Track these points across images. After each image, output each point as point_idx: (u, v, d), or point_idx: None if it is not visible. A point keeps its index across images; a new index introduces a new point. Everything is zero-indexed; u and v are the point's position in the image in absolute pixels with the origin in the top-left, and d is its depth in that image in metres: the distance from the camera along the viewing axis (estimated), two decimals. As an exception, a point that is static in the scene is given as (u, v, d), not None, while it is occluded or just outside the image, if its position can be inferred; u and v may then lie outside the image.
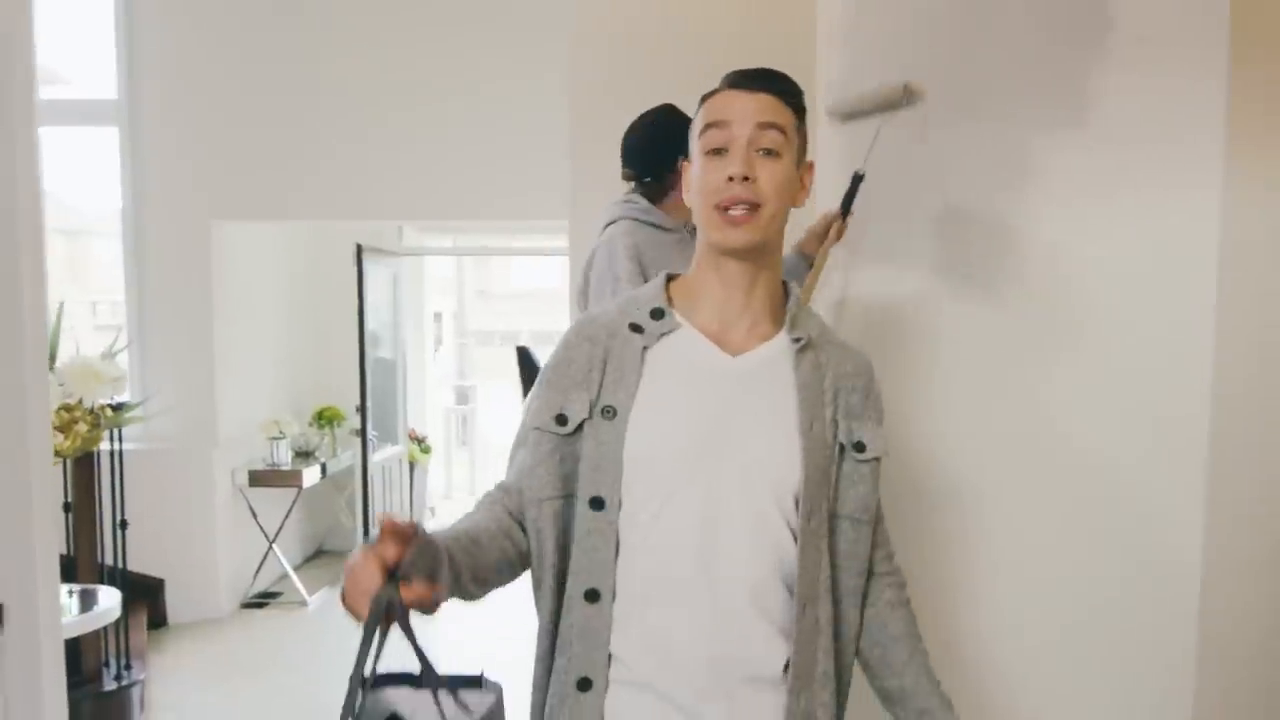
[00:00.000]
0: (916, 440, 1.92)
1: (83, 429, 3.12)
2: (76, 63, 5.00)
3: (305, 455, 5.43)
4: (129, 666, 3.55)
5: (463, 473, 8.07)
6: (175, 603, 4.73)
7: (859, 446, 1.22)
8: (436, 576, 1.02)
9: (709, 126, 1.20)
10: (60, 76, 4.94)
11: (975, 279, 1.86)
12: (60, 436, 3.06)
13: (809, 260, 2.05)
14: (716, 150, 1.19)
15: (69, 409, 3.13)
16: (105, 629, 3.38)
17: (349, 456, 5.61)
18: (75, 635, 3.12)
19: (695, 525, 1.15)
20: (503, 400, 8.07)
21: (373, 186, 4.68)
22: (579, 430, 1.19)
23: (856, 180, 2.00)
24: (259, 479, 5.01)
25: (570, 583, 1.18)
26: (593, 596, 1.16)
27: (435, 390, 8.07)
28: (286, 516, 5.28)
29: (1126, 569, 1.67)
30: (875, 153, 1.94)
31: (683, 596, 1.15)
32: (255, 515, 5.04)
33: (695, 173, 1.22)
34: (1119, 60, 1.65)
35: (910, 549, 1.46)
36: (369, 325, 5.39)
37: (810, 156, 1.27)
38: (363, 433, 5.33)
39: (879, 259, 2.08)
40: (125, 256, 4.71)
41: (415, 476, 6.43)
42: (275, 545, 5.17)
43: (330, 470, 5.46)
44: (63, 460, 3.21)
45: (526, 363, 3.81)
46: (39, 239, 2.03)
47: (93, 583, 3.38)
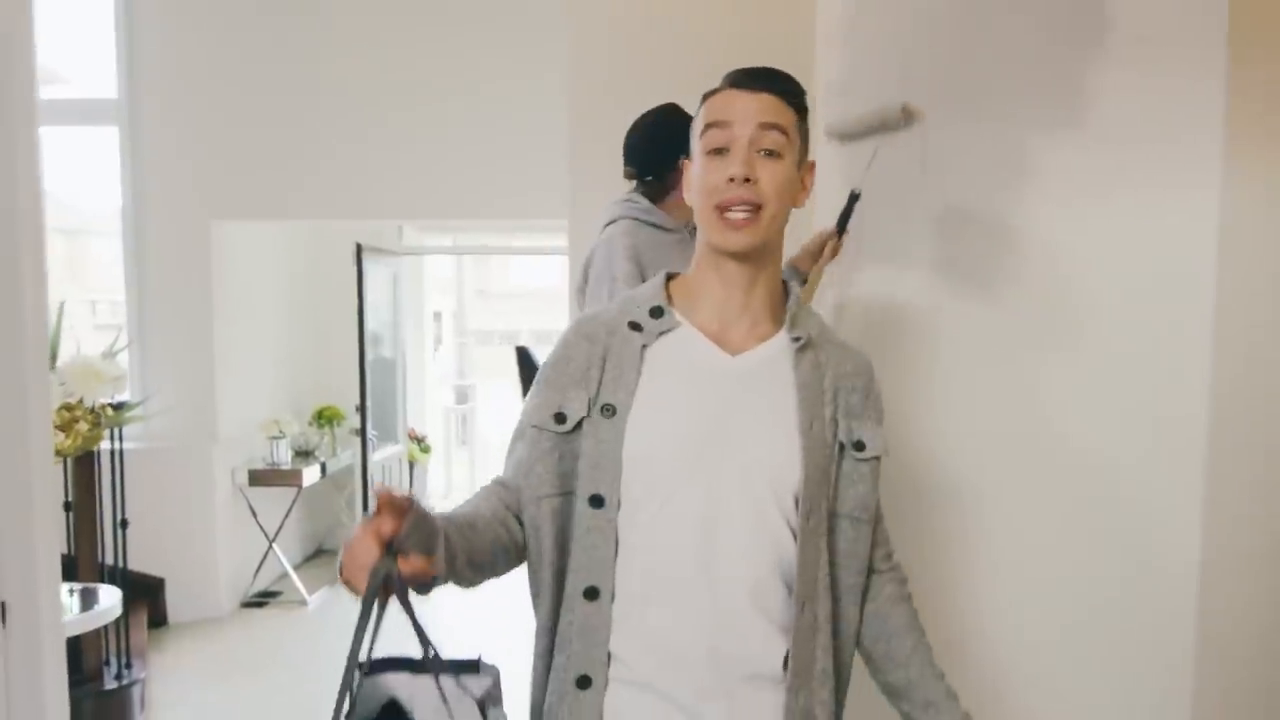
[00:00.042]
0: (916, 439, 1.92)
1: (83, 428, 3.12)
2: (76, 62, 5.00)
3: (305, 455, 5.44)
4: (129, 665, 3.55)
5: (462, 472, 8.07)
6: (175, 602, 4.73)
7: (858, 446, 1.22)
8: (432, 551, 1.02)
9: (710, 126, 1.19)
10: (60, 76, 4.93)
11: (974, 278, 1.86)
12: (61, 436, 3.06)
13: (803, 277, 2.06)
14: (717, 150, 1.18)
15: (70, 408, 3.13)
16: (106, 628, 3.38)
17: (349, 456, 5.62)
18: (76, 634, 3.12)
19: (695, 524, 1.15)
20: (502, 400, 8.06)
21: (372, 186, 4.68)
22: (577, 428, 1.19)
23: (853, 199, 2.01)
24: (259, 478, 5.02)
25: (570, 580, 1.18)
26: (592, 594, 1.16)
27: (435, 389, 8.08)
28: (286, 516, 5.28)
29: (1126, 569, 1.67)
30: (873, 169, 1.95)
31: (682, 595, 1.15)
32: (255, 514, 5.04)
33: (696, 172, 1.21)
34: (1118, 60, 1.65)
35: (910, 548, 1.46)
36: (369, 325, 5.39)
37: (814, 176, 1.26)
38: (362, 432, 5.33)
39: (879, 259, 2.08)
40: (125, 256, 4.72)
41: (415, 476, 6.44)
42: (275, 544, 5.17)
43: (330, 470, 5.46)
44: (63, 459, 3.22)
45: (526, 362, 3.81)
46: (40, 238, 2.02)
47: (93, 582, 3.38)
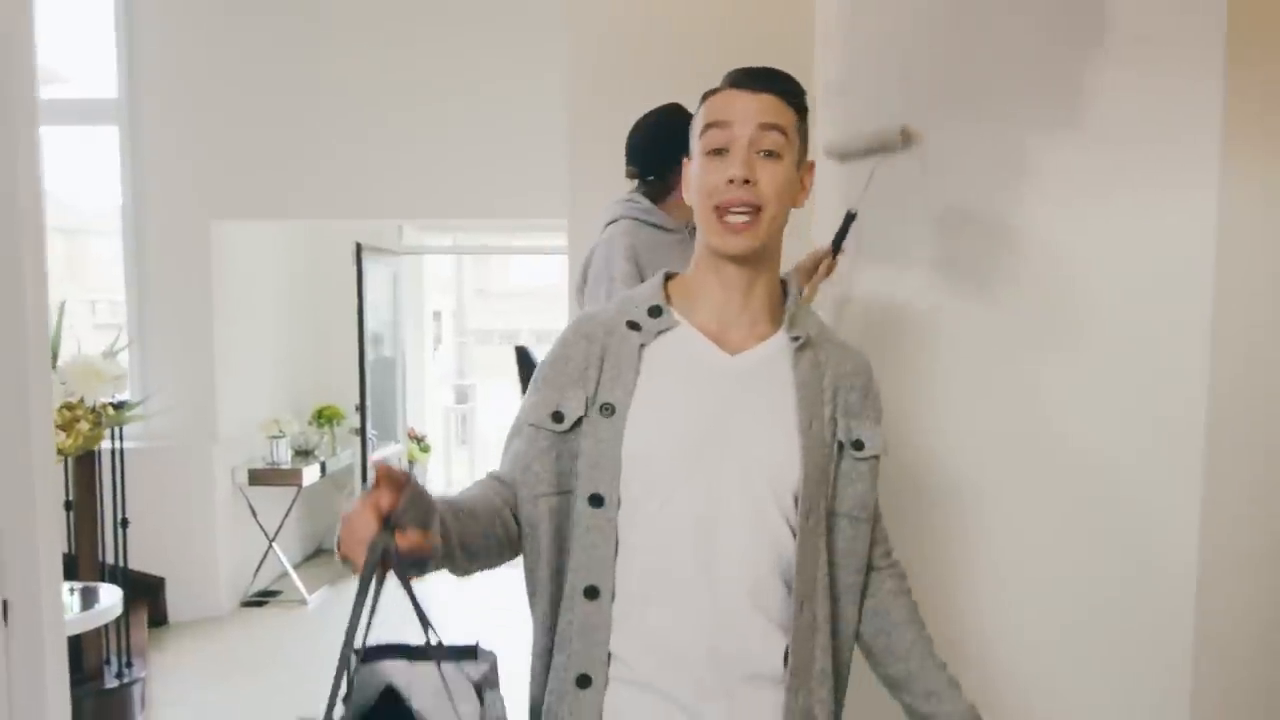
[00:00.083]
0: (916, 438, 1.92)
1: (84, 427, 3.12)
2: (77, 62, 5.00)
3: (305, 454, 5.44)
4: (130, 664, 3.56)
5: (462, 471, 8.07)
6: (176, 601, 4.73)
7: (857, 445, 1.22)
8: (428, 527, 1.02)
9: (710, 126, 1.19)
10: (60, 75, 4.94)
11: (974, 278, 1.86)
12: (62, 435, 3.07)
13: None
14: (717, 150, 1.18)
15: (71, 407, 3.13)
16: (106, 627, 3.39)
17: (349, 455, 5.62)
18: (77, 633, 3.12)
19: (694, 524, 1.15)
20: (502, 399, 8.07)
21: (372, 186, 4.68)
22: (575, 427, 1.19)
23: (849, 219, 2.02)
24: (259, 478, 5.02)
25: (570, 580, 1.18)
26: (592, 593, 1.16)
27: (434, 389, 8.07)
28: (286, 515, 5.29)
29: (1125, 569, 1.67)
30: (870, 190, 1.95)
31: (682, 595, 1.15)
32: (255, 514, 5.04)
33: (695, 171, 1.21)
34: (1116, 60, 1.65)
35: (910, 547, 1.46)
36: (369, 324, 5.40)
37: (813, 176, 1.26)
38: (362, 431, 5.33)
39: (879, 259, 2.08)
40: (125, 256, 4.72)
41: (415, 475, 6.44)
42: (275, 544, 5.18)
43: (330, 469, 5.47)
44: (64, 459, 3.22)
45: (525, 362, 3.81)
46: (40, 238, 2.03)
47: (94, 581, 3.39)
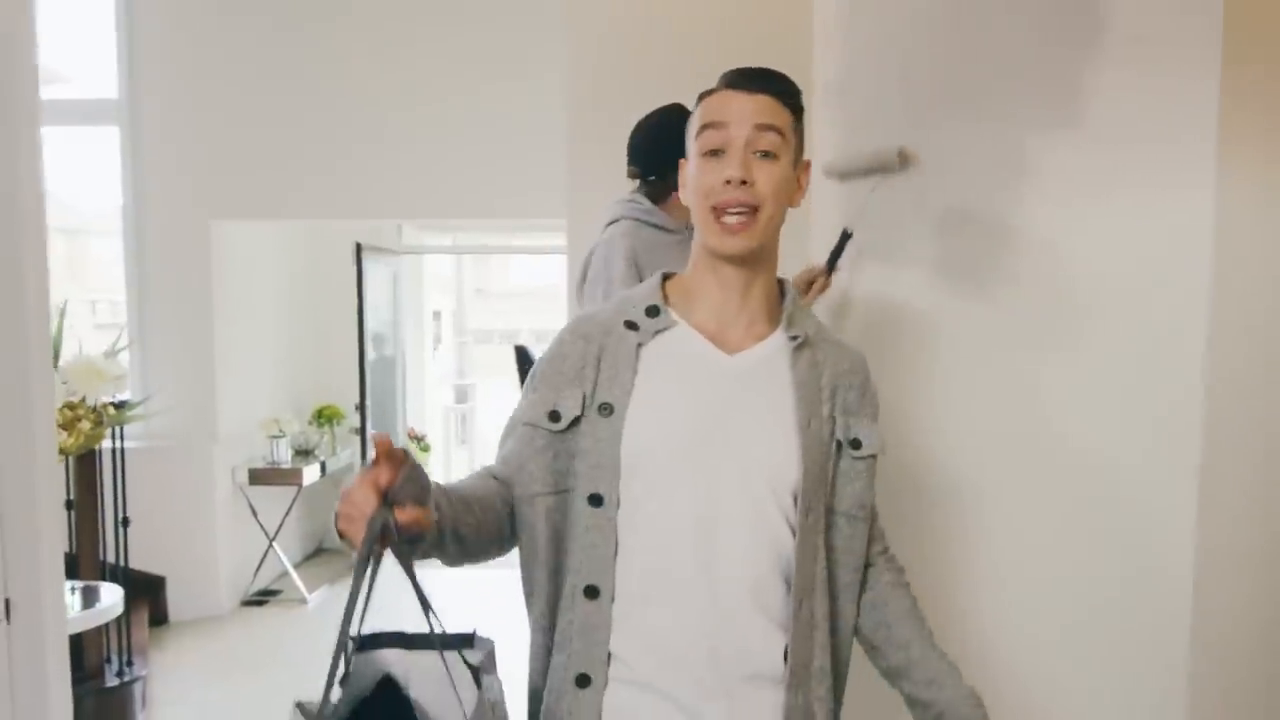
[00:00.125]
0: (916, 438, 1.92)
1: (86, 427, 3.13)
2: (77, 62, 5.01)
3: (305, 453, 5.44)
4: (131, 663, 3.56)
5: (462, 471, 8.07)
6: (176, 600, 4.74)
7: (855, 444, 1.23)
8: (425, 504, 1.02)
9: (706, 127, 1.19)
10: (61, 76, 4.94)
11: (973, 278, 1.87)
12: (64, 434, 3.07)
13: None
14: (713, 151, 1.18)
15: (72, 407, 3.14)
16: (107, 626, 3.39)
17: (349, 455, 5.63)
18: (78, 632, 3.12)
19: (694, 524, 1.15)
20: (502, 399, 8.07)
21: (372, 186, 4.69)
22: (571, 427, 1.19)
23: (845, 238, 2.04)
24: (259, 477, 5.03)
25: (569, 579, 1.18)
26: (592, 593, 1.16)
27: (434, 389, 8.08)
28: (286, 514, 5.29)
29: (1125, 568, 1.67)
30: (866, 211, 1.97)
31: (682, 595, 1.15)
32: (255, 513, 5.05)
33: (691, 172, 1.21)
34: (1113, 60, 1.65)
35: (910, 547, 1.46)
36: (368, 324, 5.41)
37: (810, 176, 1.27)
38: (362, 431, 5.34)
39: (878, 258, 2.09)
40: (126, 256, 4.72)
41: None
42: (275, 543, 5.18)
43: (330, 468, 5.47)
44: (65, 458, 3.23)
45: (525, 361, 3.82)
46: (42, 238, 2.03)
47: (95, 580, 3.39)
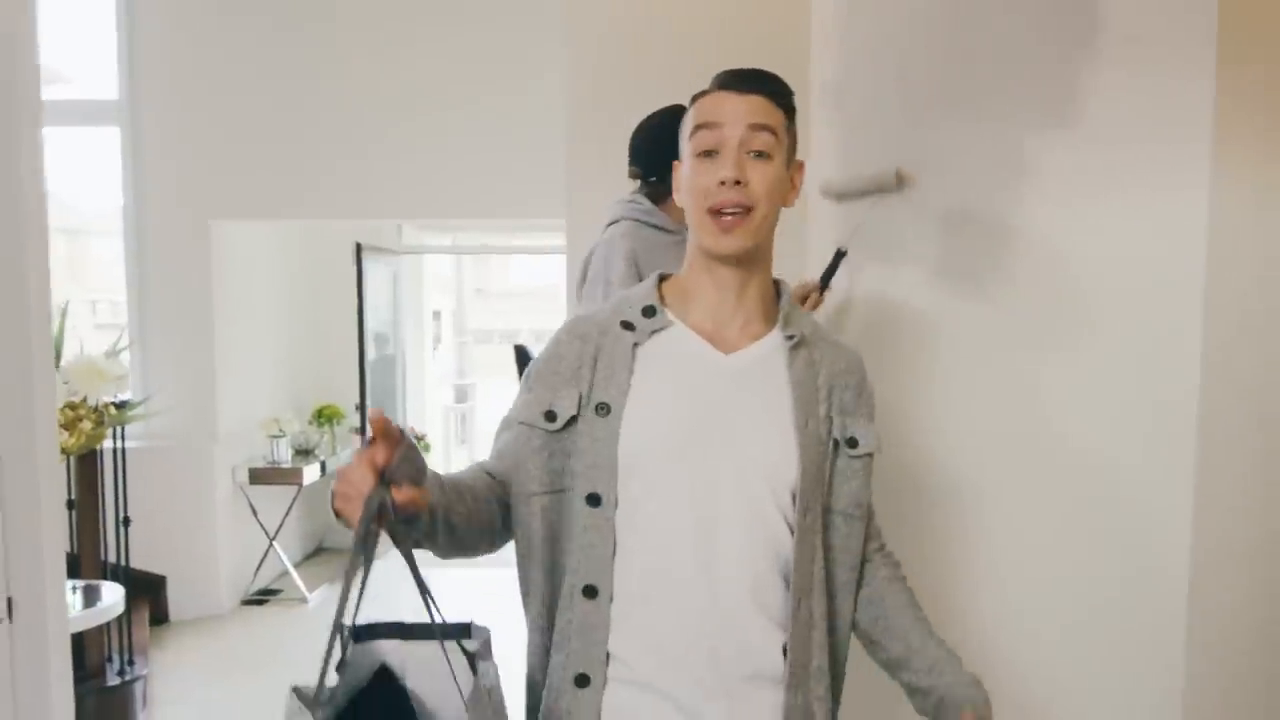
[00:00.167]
0: (916, 437, 1.93)
1: (87, 427, 3.13)
2: (78, 63, 5.02)
3: (305, 453, 5.45)
4: (132, 662, 3.57)
5: (462, 470, 8.07)
6: (177, 599, 4.75)
7: (852, 442, 1.23)
8: (420, 484, 1.03)
9: (699, 127, 1.19)
10: (62, 76, 4.95)
11: (971, 277, 1.87)
12: (65, 434, 3.08)
13: None
14: (707, 152, 1.18)
15: (73, 407, 3.15)
16: (108, 625, 3.39)
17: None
18: (79, 631, 3.12)
19: (692, 523, 1.15)
20: (502, 398, 8.07)
21: (372, 186, 4.70)
22: (567, 427, 1.19)
23: (839, 256, 2.05)
24: (259, 476, 5.03)
25: (568, 579, 1.18)
26: (590, 593, 1.16)
27: (434, 388, 8.08)
28: (287, 514, 5.30)
29: (1125, 568, 1.67)
30: (860, 233, 1.99)
31: (682, 595, 1.15)
32: (256, 513, 5.06)
33: (685, 174, 1.22)
34: (1109, 60, 1.65)
35: (910, 547, 1.46)
36: (370, 324, 5.41)
37: (803, 176, 1.27)
38: (362, 431, 5.35)
39: (877, 258, 2.10)
40: (126, 256, 4.74)
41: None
42: (275, 542, 5.19)
43: (330, 468, 5.47)
44: (67, 458, 3.23)
45: (524, 360, 3.81)
46: (43, 239, 2.04)
47: (96, 579, 3.40)
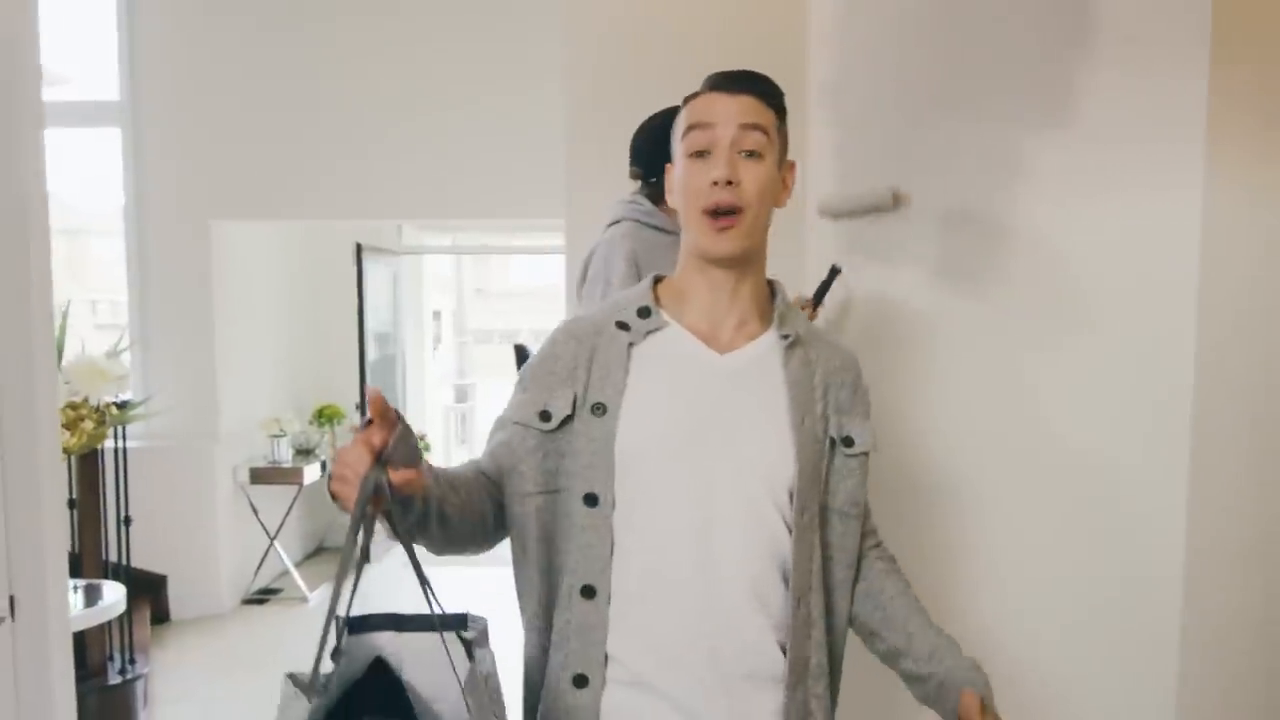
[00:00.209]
0: (914, 437, 1.93)
1: (88, 426, 3.15)
2: (79, 64, 5.03)
3: (306, 453, 5.46)
4: (133, 661, 3.58)
5: (462, 470, 8.08)
6: (178, 598, 4.76)
7: (848, 441, 1.24)
8: (415, 466, 1.03)
9: (692, 128, 1.20)
10: (62, 77, 4.97)
11: (967, 277, 1.88)
12: (66, 434, 3.09)
13: None
14: (699, 152, 1.19)
15: (75, 407, 3.16)
16: (109, 624, 3.40)
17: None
18: (80, 630, 3.13)
19: (690, 523, 1.16)
20: (502, 398, 8.08)
21: (372, 186, 4.71)
22: (562, 427, 1.19)
23: (833, 274, 2.07)
24: (260, 476, 5.05)
25: (566, 579, 1.18)
26: (588, 593, 1.17)
27: (434, 388, 8.10)
28: (287, 513, 5.31)
29: (1121, 568, 1.67)
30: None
31: (680, 595, 1.15)
32: (256, 512, 5.07)
33: (678, 175, 1.22)
34: (1104, 60, 1.65)
35: (908, 547, 1.47)
36: (369, 323, 5.42)
37: (795, 176, 1.28)
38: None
39: (874, 258, 2.11)
40: (127, 256, 4.75)
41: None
42: (276, 542, 5.20)
43: (330, 468, 5.48)
44: (68, 457, 3.24)
45: (524, 360, 3.83)
46: (45, 239, 2.05)
47: (97, 578, 3.41)
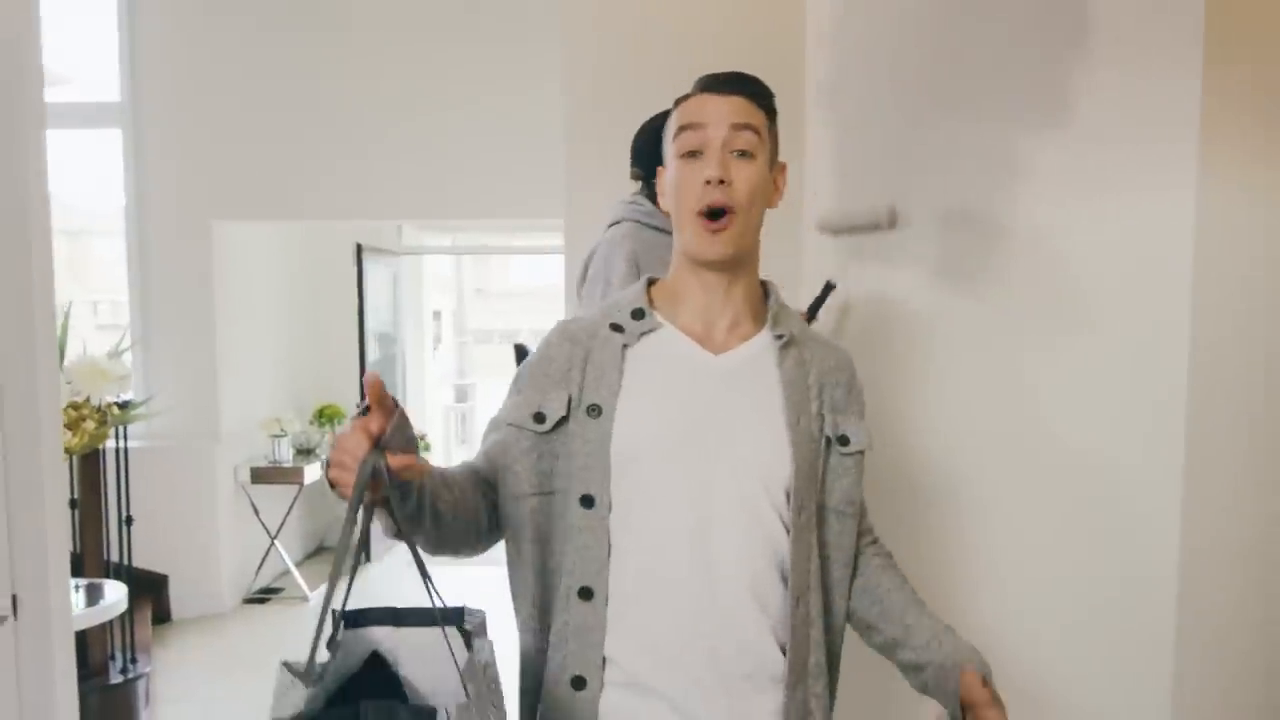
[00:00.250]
0: (911, 437, 1.94)
1: (90, 426, 3.16)
2: (80, 65, 5.05)
3: (306, 452, 5.48)
4: (135, 660, 3.59)
5: (462, 470, 8.08)
6: (179, 598, 4.78)
7: (843, 440, 1.24)
8: (412, 452, 1.05)
9: (683, 129, 1.20)
10: (63, 78, 4.98)
11: (964, 277, 1.89)
12: (68, 434, 3.10)
13: None
14: (692, 153, 1.19)
15: (77, 407, 3.17)
16: (111, 623, 3.41)
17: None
18: (82, 629, 3.14)
19: (688, 524, 1.16)
20: (501, 398, 8.09)
21: (372, 187, 4.72)
22: (556, 428, 1.20)
23: (827, 289, 2.09)
24: (261, 476, 5.06)
25: (563, 581, 1.19)
26: (586, 594, 1.17)
27: (435, 388, 8.11)
28: (288, 513, 5.33)
29: (1119, 568, 1.68)
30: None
31: (679, 596, 1.15)
32: (257, 512, 5.08)
33: (670, 176, 1.23)
34: (1099, 60, 1.65)
35: (906, 545, 1.47)
36: (369, 324, 5.42)
37: (789, 187, 1.29)
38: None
39: (871, 258, 2.12)
40: (128, 257, 4.76)
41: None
42: (277, 541, 5.22)
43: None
44: (70, 458, 3.26)
45: (524, 360, 3.85)
46: (47, 240, 2.06)
47: (99, 578, 3.42)
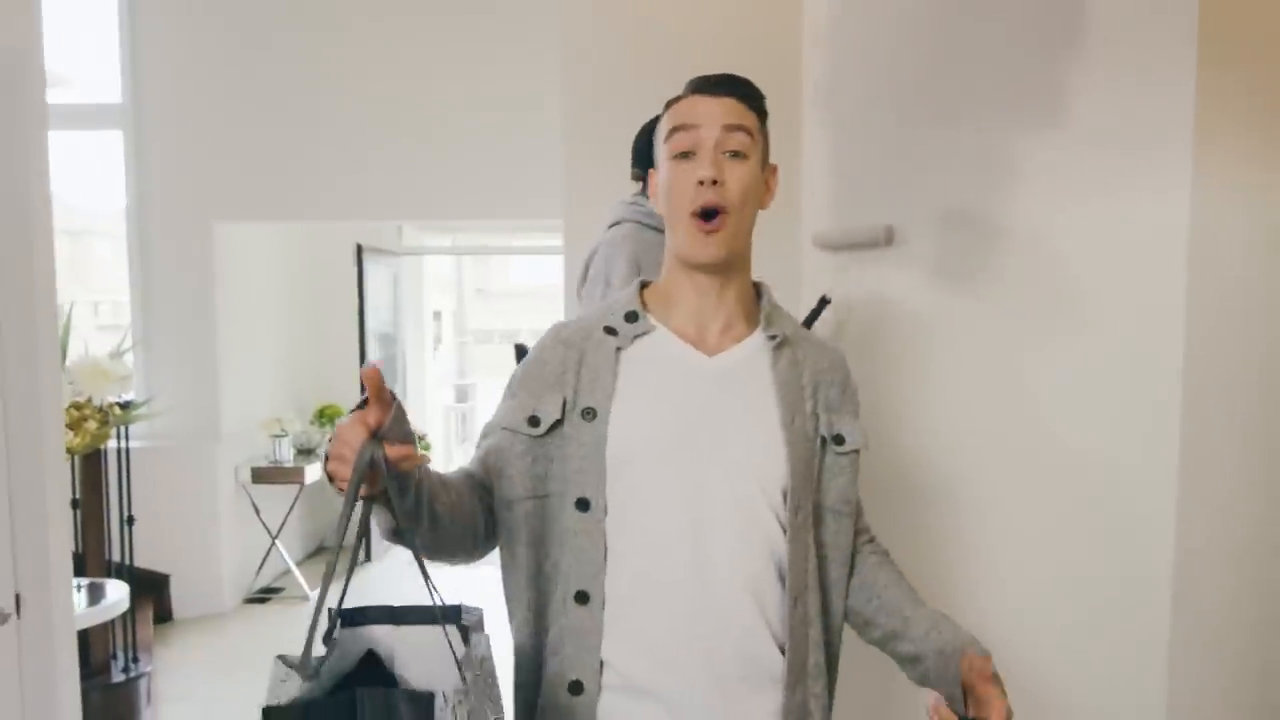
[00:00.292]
0: (909, 437, 1.95)
1: (92, 426, 3.16)
2: (81, 67, 5.06)
3: (307, 452, 5.49)
4: (136, 659, 3.60)
5: (462, 470, 8.08)
6: (180, 597, 4.79)
7: (839, 439, 1.24)
8: (409, 443, 1.06)
9: (676, 130, 1.21)
10: (65, 80, 4.99)
11: (961, 277, 1.90)
12: (70, 434, 3.11)
13: None
14: (684, 154, 1.20)
15: (78, 407, 3.18)
16: (113, 622, 3.43)
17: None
18: (84, 628, 3.15)
19: (685, 526, 1.16)
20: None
21: (373, 188, 4.74)
22: (551, 432, 1.19)
23: (823, 303, 2.10)
24: (261, 476, 5.07)
25: (560, 585, 1.19)
26: (582, 598, 1.17)
27: (435, 388, 8.12)
28: (289, 513, 5.34)
29: (1118, 567, 1.68)
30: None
31: (676, 598, 1.15)
32: (258, 512, 5.09)
33: (662, 178, 1.23)
34: (1094, 62, 1.66)
35: (903, 545, 1.47)
36: (369, 324, 5.43)
37: (783, 189, 1.30)
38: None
39: (868, 260, 2.13)
40: (129, 257, 4.78)
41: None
42: (278, 541, 5.23)
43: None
44: (72, 457, 3.27)
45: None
46: (49, 241, 2.08)
47: (101, 577, 3.43)
